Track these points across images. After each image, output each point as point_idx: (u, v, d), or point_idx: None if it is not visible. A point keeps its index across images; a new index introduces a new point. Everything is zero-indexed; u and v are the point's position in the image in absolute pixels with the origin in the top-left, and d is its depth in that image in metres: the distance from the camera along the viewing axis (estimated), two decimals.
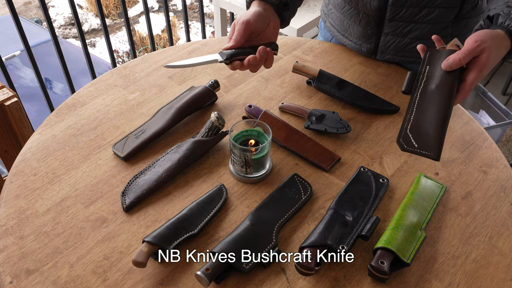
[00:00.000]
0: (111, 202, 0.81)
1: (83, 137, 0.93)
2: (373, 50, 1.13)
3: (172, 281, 0.70)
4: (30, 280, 0.69)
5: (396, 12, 1.02)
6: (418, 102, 0.75)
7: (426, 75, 0.77)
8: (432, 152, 0.70)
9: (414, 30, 1.04)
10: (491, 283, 0.70)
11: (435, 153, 0.70)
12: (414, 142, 0.72)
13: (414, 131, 0.73)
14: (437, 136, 0.71)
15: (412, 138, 0.72)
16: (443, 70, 0.76)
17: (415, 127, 0.73)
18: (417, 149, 0.71)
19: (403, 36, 1.06)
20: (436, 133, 0.71)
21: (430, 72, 0.77)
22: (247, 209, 0.80)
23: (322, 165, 0.87)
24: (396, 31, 1.06)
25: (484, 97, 2.15)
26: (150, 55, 1.16)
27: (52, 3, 4.63)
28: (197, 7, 4.49)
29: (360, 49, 1.14)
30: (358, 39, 1.13)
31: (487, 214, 0.80)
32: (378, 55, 1.13)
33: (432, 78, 0.76)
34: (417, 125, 0.73)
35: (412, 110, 0.75)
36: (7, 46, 2.97)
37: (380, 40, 1.10)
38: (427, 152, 0.70)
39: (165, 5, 2.12)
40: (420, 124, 0.73)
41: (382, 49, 1.11)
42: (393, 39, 1.08)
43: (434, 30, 1.04)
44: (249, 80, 1.08)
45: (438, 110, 0.73)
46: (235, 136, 0.84)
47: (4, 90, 1.19)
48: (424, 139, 0.71)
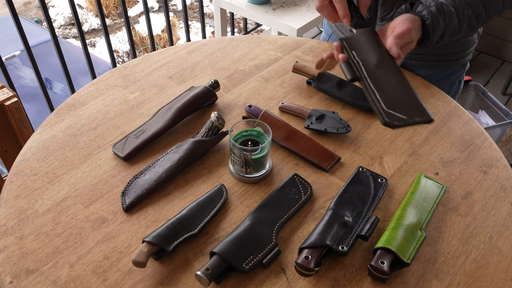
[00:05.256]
0: (111, 202, 0.81)
1: (83, 137, 0.93)
2: None
3: (172, 281, 0.70)
4: (30, 280, 0.69)
5: (386, 12, 1.02)
6: (373, 83, 0.75)
7: (359, 59, 0.78)
8: (423, 116, 0.70)
9: None
10: (491, 283, 0.70)
11: (426, 115, 0.70)
12: (401, 115, 0.71)
13: (393, 107, 0.72)
14: (414, 101, 0.72)
15: (396, 113, 0.71)
16: (371, 49, 0.79)
17: (390, 103, 0.72)
18: (409, 119, 0.70)
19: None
20: (412, 99, 0.73)
21: (361, 55, 0.79)
22: (247, 209, 0.80)
23: (322, 165, 0.87)
24: None
25: (484, 97, 2.15)
26: (150, 55, 1.16)
27: (52, 3, 4.63)
28: (197, 7, 4.49)
29: None
30: None
31: (487, 214, 0.80)
32: None
33: (368, 59, 0.78)
34: (391, 101, 0.73)
35: (373, 92, 0.74)
36: (7, 46, 2.97)
37: None
38: (420, 118, 0.70)
39: (165, 5, 2.12)
40: (391, 99, 0.73)
41: None
42: None
43: None
44: (249, 80, 1.08)
45: (396, 80, 0.75)
46: (235, 136, 0.84)
47: (4, 90, 1.19)
48: (408, 109, 0.72)
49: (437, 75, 1.10)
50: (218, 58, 1.15)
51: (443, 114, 0.99)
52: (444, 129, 0.95)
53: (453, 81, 1.13)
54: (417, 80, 1.08)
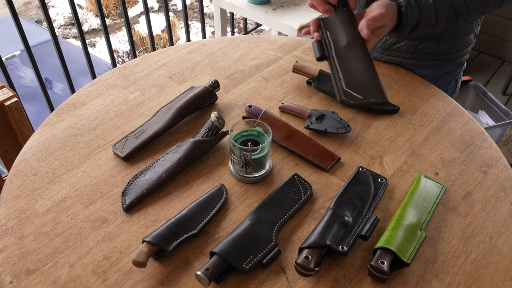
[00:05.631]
0: (111, 202, 0.81)
1: (83, 137, 0.93)
2: None
3: (172, 281, 0.70)
4: (30, 280, 0.69)
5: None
6: (339, 63, 0.79)
7: (331, 39, 0.82)
8: (379, 96, 0.74)
9: None
10: (491, 283, 0.70)
11: (382, 96, 0.74)
12: (358, 95, 0.75)
13: (351, 86, 0.76)
14: (374, 82, 0.76)
15: (354, 92, 0.75)
16: (345, 30, 0.82)
17: (350, 83, 0.76)
18: (364, 99, 0.74)
19: (389, 35, 1.07)
20: (372, 80, 0.76)
21: (333, 35, 0.82)
22: (247, 209, 0.80)
23: (322, 165, 0.87)
24: None
25: (484, 97, 2.15)
26: (150, 55, 1.16)
27: (52, 3, 4.63)
28: (197, 7, 4.49)
29: None
30: None
31: (487, 214, 0.80)
32: None
33: (339, 40, 0.82)
34: (351, 81, 0.76)
35: (337, 71, 0.78)
36: (7, 46, 2.97)
37: None
38: (375, 98, 0.74)
39: (165, 5, 2.12)
40: (353, 79, 0.77)
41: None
42: None
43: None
44: (249, 80, 1.08)
45: (361, 62, 0.78)
46: (235, 136, 0.84)
47: (4, 90, 1.19)
48: (366, 90, 0.75)
49: (434, 74, 1.10)
50: (218, 58, 1.15)
51: (443, 114, 0.99)
52: (444, 129, 0.95)
53: (450, 80, 1.14)
54: (416, 80, 1.08)
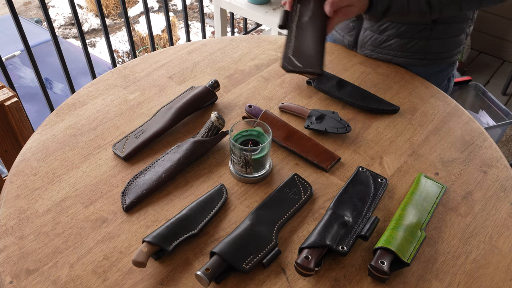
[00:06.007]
0: (111, 202, 0.81)
1: (83, 137, 0.93)
2: (353, 43, 1.16)
3: (172, 281, 0.70)
4: (30, 280, 0.69)
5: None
6: (296, 33, 0.87)
7: (299, 11, 0.88)
8: (315, 68, 0.81)
9: (390, 29, 1.07)
10: (491, 283, 0.70)
11: (318, 68, 0.82)
12: (298, 63, 0.83)
13: (296, 55, 0.84)
14: (317, 55, 0.83)
15: (295, 60, 0.84)
16: (313, 5, 0.87)
17: (296, 51, 0.85)
18: (302, 68, 0.83)
19: (379, 33, 1.09)
20: (316, 53, 0.83)
21: (302, 8, 0.88)
22: (247, 209, 0.80)
23: (322, 165, 0.87)
24: (373, 27, 1.09)
25: (484, 97, 2.15)
26: (150, 55, 1.16)
27: (52, 3, 4.63)
28: (197, 7, 4.49)
29: (343, 41, 1.19)
30: (342, 30, 1.18)
31: (487, 214, 0.80)
32: (358, 49, 1.16)
33: (305, 13, 0.87)
34: (298, 50, 0.85)
35: (291, 40, 0.86)
36: (7, 46, 2.97)
37: (360, 34, 1.13)
38: (311, 69, 0.81)
39: (165, 5, 2.12)
40: (301, 49, 0.85)
41: (361, 43, 1.14)
42: (370, 34, 1.11)
43: (410, 31, 1.06)
44: (249, 80, 1.08)
45: (315, 36, 0.85)
46: (235, 136, 0.84)
47: (4, 90, 1.19)
48: (307, 60, 0.82)
49: (425, 72, 1.12)
50: (218, 58, 1.15)
51: (443, 114, 0.99)
52: (444, 129, 0.96)
53: (442, 79, 1.16)
54: (416, 80, 1.08)
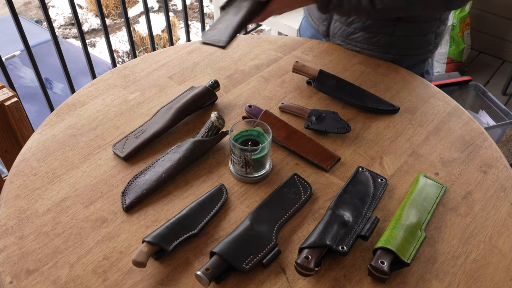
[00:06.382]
0: (111, 202, 0.81)
1: (83, 137, 0.93)
2: (326, 33, 1.20)
3: (172, 281, 0.70)
4: (30, 280, 0.69)
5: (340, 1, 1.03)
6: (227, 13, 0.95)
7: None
8: (222, 42, 0.90)
9: (357, 22, 1.11)
10: (491, 283, 0.70)
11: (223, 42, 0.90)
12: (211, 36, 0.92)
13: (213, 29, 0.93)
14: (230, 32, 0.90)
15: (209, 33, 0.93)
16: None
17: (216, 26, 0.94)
18: (209, 39, 0.91)
19: (347, 25, 1.13)
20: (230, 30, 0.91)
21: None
22: (247, 209, 0.80)
23: (322, 165, 0.87)
24: (342, 19, 1.13)
25: (484, 97, 2.14)
26: (150, 55, 1.16)
27: (52, 3, 4.63)
28: (197, 7, 4.49)
29: (318, 30, 1.22)
30: (317, 19, 1.21)
31: (487, 214, 0.80)
32: (330, 39, 1.20)
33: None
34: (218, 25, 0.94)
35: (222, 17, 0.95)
36: (7, 46, 2.97)
37: (331, 25, 1.16)
38: (218, 43, 0.90)
39: (165, 5, 2.12)
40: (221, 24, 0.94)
41: (332, 33, 1.18)
42: (339, 26, 1.14)
43: (375, 26, 1.09)
44: (249, 80, 1.08)
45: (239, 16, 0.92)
46: (235, 136, 0.84)
47: (4, 90, 1.19)
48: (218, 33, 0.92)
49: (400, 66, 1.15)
50: (218, 58, 1.15)
51: (443, 114, 0.99)
52: (444, 129, 0.96)
53: (416, 73, 1.15)
54: (416, 80, 1.08)
